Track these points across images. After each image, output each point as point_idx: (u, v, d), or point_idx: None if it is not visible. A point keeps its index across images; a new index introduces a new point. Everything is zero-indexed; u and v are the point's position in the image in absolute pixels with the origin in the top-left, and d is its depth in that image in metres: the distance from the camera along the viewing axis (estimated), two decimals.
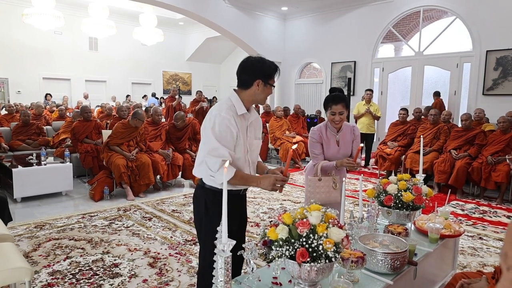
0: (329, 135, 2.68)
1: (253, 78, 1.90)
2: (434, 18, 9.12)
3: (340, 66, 10.00)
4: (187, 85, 16.10)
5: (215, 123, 1.81)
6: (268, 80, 1.92)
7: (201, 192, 1.94)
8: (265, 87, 1.92)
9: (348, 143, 2.71)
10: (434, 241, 2.20)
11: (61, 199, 4.99)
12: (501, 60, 7.27)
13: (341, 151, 2.69)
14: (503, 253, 0.43)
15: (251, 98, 1.94)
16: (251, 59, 1.96)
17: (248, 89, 1.93)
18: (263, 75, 1.90)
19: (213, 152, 1.80)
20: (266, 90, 1.93)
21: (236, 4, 9.82)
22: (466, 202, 5.12)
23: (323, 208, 1.54)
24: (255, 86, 1.90)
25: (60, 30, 11.95)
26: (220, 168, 1.79)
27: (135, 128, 5.14)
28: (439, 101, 7.78)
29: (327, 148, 2.68)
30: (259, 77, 1.90)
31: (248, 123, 1.94)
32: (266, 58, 1.98)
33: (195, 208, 2.03)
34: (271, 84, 1.94)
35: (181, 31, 15.15)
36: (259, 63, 1.93)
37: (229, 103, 1.90)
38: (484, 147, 5.38)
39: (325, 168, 2.63)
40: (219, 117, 1.81)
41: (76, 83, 12.97)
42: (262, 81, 1.90)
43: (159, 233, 3.75)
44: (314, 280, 1.45)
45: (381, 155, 6.32)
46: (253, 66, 1.93)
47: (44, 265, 3.00)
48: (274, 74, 1.94)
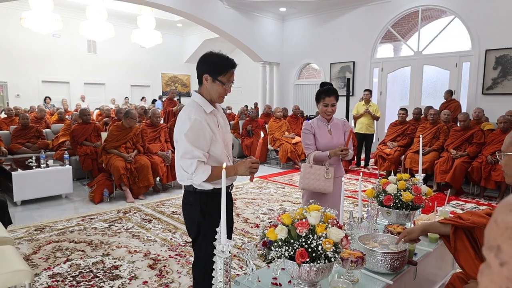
0: (320, 125, 2.80)
1: (201, 73, 1.85)
2: (433, 17, 9.13)
3: (339, 67, 10.00)
4: (186, 87, 16.11)
5: (186, 127, 1.77)
6: (216, 76, 1.81)
7: (195, 198, 1.89)
8: (213, 83, 1.83)
9: (340, 133, 2.81)
10: (434, 241, 2.20)
11: (61, 201, 4.98)
12: (500, 59, 7.28)
13: (334, 140, 2.78)
14: (494, 246, 0.40)
15: (206, 95, 1.87)
16: (204, 54, 1.88)
17: (201, 86, 1.89)
18: (210, 70, 1.82)
19: (187, 155, 1.77)
20: (215, 87, 1.84)
21: (234, 6, 9.84)
22: (466, 201, 5.12)
23: (322, 208, 1.54)
24: (204, 81, 1.85)
25: (58, 33, 11.95)
26: (196, 168, 1.76)
27: (129, 129, 5.14)
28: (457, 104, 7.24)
29: (321, 138, 2.77)
30: (206, 72, 1.83)
31: (217, 119, 1.92)
32: (224, 54, 1.86)
33: (189, 215, 1.96)
34: (220, 81, 1.82)
35: (179, 33, 15.16)
36: (209, 58, 1.84)
37: (194, 105, 1.85)
38: (483, 146, 5.39)
39: (318, 158, 2.71)
40: (188, 120, 1.77)
41: (75, 86, 12.97)
42: (210, 76, 1.82)
43: (159, 235, 3.75)
44: (314, 280, 1.45)
45: (381, 155, 6.32)
46: (202, 62, 1.86)
47: (45, 268, 2.99)
48: (224, 71, 1.82)
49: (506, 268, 0.39)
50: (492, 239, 0.42)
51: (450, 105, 7.13)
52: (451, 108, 6.96)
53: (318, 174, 2.64)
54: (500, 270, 0.39)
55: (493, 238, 0.41)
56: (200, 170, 1.78)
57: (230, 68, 1.83)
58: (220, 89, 1.84)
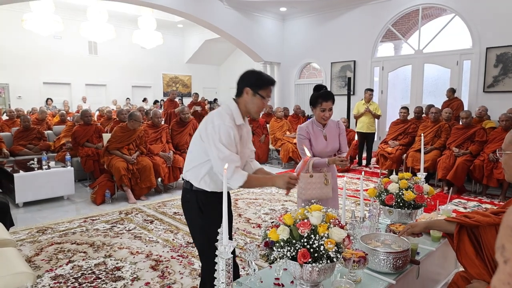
0: (316, 131, 2.75)
1: (243, 86, 1.93)
2: (433, 16, 9.11)
3: (340, 66, 9.99)
4: (187, 87, 16.12)
5: (221, 132, 1.82)
6: (257, 90, 1.91)
7: (191, 195, 1.96)
8: (254, 97, 1.92)
9: (334, 137, 2.79)
10: (436, 240, 2.19)
11: (62, 203, 4.99)
12: (501, 57, 7.25)
13: (329, 145, 2.76)
14: (499, 246, 0.43)
15: (244, 108, 1.96)
16: (248, 70, 2.00)
17: (240, 98, 1.95)
18: (252, 83, 1.91)
19: (226, 160, 1.80)
20: (255, 101, 1.93)
21: (234, 6, 9.83)
22: (468, 200, 5.11)
23: (324, 208, 1.53)
24: (244, 94, 1.92)
25: (59, 35, 11.98)
26: (234, 173, 1.80)
27: (133, 131, 5.14)
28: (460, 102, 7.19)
29: (316, 144, 2.74)
30: (247, 85, 1.92)
31: (242, 132, 1.97)
32: (265, 73, 1.99)
33: (188, 212, 2.03)
34: (260, 95, 1.92)
35: (180, 33, 15.17)
36: (252, 72, 1.96)
37: (229, 112, 1.91)
38: (485, 144, 5.37)
39: (316, 165, 2.69)
40: (223, 126, 1.83)
41: (76, 87, 13.00)
42: (251, 89, 1.91)
43: (161, 236, 3.75)
44: (316, 280, 1.45)
45: (382, 154, 6.31)
46: (245, 76, 1.96)
47: (47, 270, 3.00)
48: (264, 85, 1.92)
49: (509, 265, 0.40)
50: (499, 239, 0.43)
51: (452, 103, 7.11)
52: (454, 106, 6.93)
53: (318, 183, 2.59)
54: (504, 267, 0.41)
55: (499, 238, 0.43)
56: (237, 175, 1.82)
57: (269, 84, 1.95)
58: (259, 102, 1.94)
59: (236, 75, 1.99)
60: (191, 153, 2.00)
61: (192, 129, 5.97)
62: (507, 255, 0.41)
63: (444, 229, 1.79)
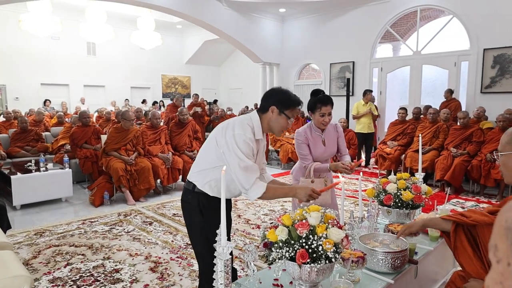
0: (314, 136, 2.71)
1: (269, 103, 1.91)
2: (431, 17, 9.13)
3: (339, 67, 10.00)
4: (186, 88, 16.11)
5: (240, 142, 1.80)
6: (283, 109, 1.90)
7: (193, 197, 1.94)
8: (279, 116, 1.91)
9: (333, 141, 2.76)
10: (434, 239, 2.20)
11: (60, 205, 4.97)
12: (498, 58, 7.28)
13: (328, 150, 2.73)
14: (492, 245, 0.43)
15: (266, 125, 1.94)
16: (276, 88, 1.99)
17: (264, 114, 1.94)
18: (279, 102, 1.90)
19: (247, 169, 1.79)
20: (280, 120, 1.92)
21: (233, 7, 9.84)
22: (466, 199, 5.12)
23: (322, 209, 1.54)
24: (270, 111, 1.91)
25: (57, 36, 11.94)
26: (253, 183, 1.79)
27: (127, 131, 5.13)
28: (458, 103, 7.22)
29: (314, 149, 2.70)
30: (274, 103, 1.90)
31: (258, 147, 1.96)
32: (292, 93, 1.98)
33: (188, 213, 2.02)
34: (286, 115, 1.91)
35: (179, 34, 15.16)
36: (280, 92, 1.95)
37: (251, 125, 1.89)
38: (483, 144, 5.39)
39: (317, 170, 2.64)
40: (244, 137, 1.81)
41: (74, 88, 12.96)
42: (277, 108, 1.90)
43: (160, 238, 3.74)
44: (315, 281, 1.45)
45: (381, 154, 6.32)
46: (272, 93, 1.96)
47: (45, 273, 2.99)
48: (292, 106, 1.92)
49: (501, 264, 0.41)
50: (492, 239, 0.44)
51: (450, 104, 7.13)
52: (452, 107, 6.95)
53: (318, 188, 2.56)
54: (497, 267, 0.42)
55: (492, 238, 0.44)
56: (256, 185, 1.81)
57: (296, 105, 1.95)
58: (284, 122, 1.94)
59: (236, 76, 1.99)
60: (202, 155, 1.98)
61: (191, 130, 5.97)
62: (499, 254, 0.42)
63: (440, 227, 1.80)
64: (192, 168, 2.02)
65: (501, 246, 0.42)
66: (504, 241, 0.41)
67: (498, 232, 0.42)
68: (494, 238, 0.43)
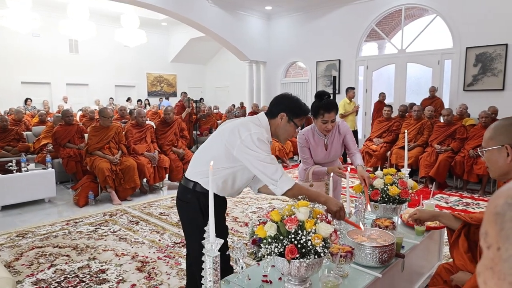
0: (317, 140, 2.61)
1: (279, 109, 1.89)
2: (415, 16, 9.27)
3: (325, 65, 10.06)
4: (172, 86, 15.96)
5: (259, 140, 1.75)
6: (292, 117, 1.89)
7: (193, 196, 1.88)
8: (288, 123, 1.89)
9: (337, 144, 2.64)
10: (420, 233, 2.23)
11: (44, 206, 4.86)
12: (480, 56, 7.44)
13: (331, 154, 2.63)
14: (483, 232, 0.44)
15: (273, 130, 1.92)
16: (286, 94, 1.97)
17: (272, 120, 1.91)
18: (289, 110, 1.88)
19: (273, 162, 1.77)
20: (288, 128, 1.91)
21: (219, 4, 9.78)
22: (450, 195, 5.22)
23: (310, 204, 1.54)
24: (278, 117, 1.89)
25: (38, 33, 11.65)
26: (282, 175, 1.76)
27: (107, 128, 5.05)
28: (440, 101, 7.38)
29: (315, 154, 2.62)
30: (284, 110, 1.88)
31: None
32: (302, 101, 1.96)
33: (186, 212, 1.96)
34: (295, 123, 1.90)
35: (164, 32, 14.99)
36: (291, 99, 1.93)
37: (264, 127, 1.86)
38: (466, 141, 5.51)
39: (317, 173, 2.60)
40: (261, 136, 1.77)
41: (56, 87, 12.67)
42: (286, 115, 1.88)
43: (147, 237, 3.70)
44: (304, 276, 1.45)
45: (367, 151, 6.39)
46: (283, 99, 1.93)
47: (27, 274, 2.91)
48: (302, 115, 1.91)
49: (491, 250, 0.41)
50: (483, 226, 0.44)
51: (433, 102, 7.25)
52: (435, 105, 7.07)
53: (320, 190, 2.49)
54: (487, 253, 0.42)
55: (483, 225, 0.44)
56: (285, 178, 1.77)
57: (305, 114, 1.93)
58: (292, 130, 1.93)
59: (222, 74, 1.97)
60: (206, 154, 1.91)
61: (177, 129, 5.91)
62: (489, 240, 0.42)
63: (449, 224, 1.81)
64: (193, 167, 1.94)
65: (491, 232, 0.42)
66: (494, 226, 0.41)
67: (488, 219, 0.43)
68: (485, 225, 0.44)
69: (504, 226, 0.40)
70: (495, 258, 0.41)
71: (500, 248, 0.40)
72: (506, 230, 0.40)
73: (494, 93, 7.28)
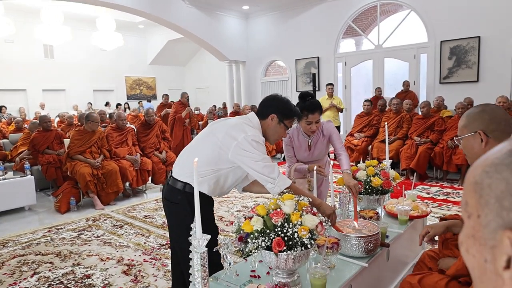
0: (301, 140, 2.61)
1: (269, 111, 1.89)
2: (390, 12, 9.46)
3: (304, 63, 10.15)
4: (152, 89, 15.76)
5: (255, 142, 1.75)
6: (283, 119, 1.89)
7: (182, 197, 1.85)
8: (278, 125, 1.90)
9: (321, 144, 2.64)
10: (404, 223, 2.28)
11: (24, 214, 4.72)
12: (454, 49, 7.66)
13: (314, 154, 2.64)
14: (463, 203, 0.45)
15: (263, 131, 1.92)
16: (276, 95, 1.96)
17: (262, 120, 1.91)
18: (280, 112, 1.89)
19: (270, 162, 1.78)
20: (278, 129, 1.91)
21: (196, 5, 9.72)
22: (430, 186, 5.36)
23: (295, 197, 1.55)
24: (269, 119, 1.89)
25: (11, 38, 11.31)
26: (279, 174, 1.77)
27: (92, 133, 4.96)
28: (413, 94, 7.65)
29: (298, 153, 2.63)
30: (274, 112, 1.88)
31: None
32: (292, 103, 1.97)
33: (175, 213, 1.92)
34: (285, 125, 1.91)
35: (141, 34, 14.79)
36: (281, 101, 1.92)
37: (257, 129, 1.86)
38: (444, 132, 5.66)
39: (299, 171, 2.63)
40: (257, 138, 1.77)
41: (32, 93, 12.33)
42: (277, 117, 1.88)
43: (132, 240, 3.64)
44: (292, 268, 1.46)
45: (349, 146, 6.48)
46: (273, 101, 1.92)
47: (10, 283, 2.83)
48: (291, 116, 1.92)
49: (472, 219, 0.43)
50: (463, 197, 0.46)
51: (407, 95, 7.42)
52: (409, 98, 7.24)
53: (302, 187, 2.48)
54: (468, 222, 0.44)
55: (463, 196, 0.46)
56: (283, 177, 1.79)
57: (295, 116, 1.94)
58: (282, 131, 1.93)
59: (202, 75, 1.96)
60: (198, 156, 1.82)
61: (159, 130, 5.85)
62: (469, 210, 0.43)
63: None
64: (182, 167, 1.89)
65: (470, 201, 0.43)
66: (473, 195, 0.43)
67: (467, 189, 0.44)
68: (464, 195, 0.45)
69: (482, 193, 0.41)
70: (475, 226, 0.42)
71: (480, 216, 0.41)
72: (484, 196, 0.41)
73: (469, 85, 7.51)
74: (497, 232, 0.39)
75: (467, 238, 0.44)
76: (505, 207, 0.39)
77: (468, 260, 0.44)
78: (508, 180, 0.39)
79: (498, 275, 0.39)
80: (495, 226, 0.39)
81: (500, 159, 0.41)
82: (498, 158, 0.42)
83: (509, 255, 0.38)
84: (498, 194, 0.40)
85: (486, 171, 0.42)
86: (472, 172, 0.44)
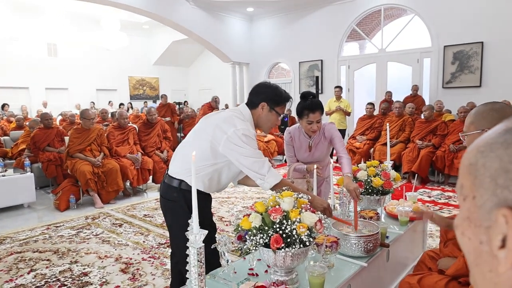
0: (302, 140, 2.58)
1: (259, 99, 1.87)
2: (394, 16, 9.45)
3: (308, 65, 10.14)
4: (155, 90, 15.79)
5: (246, 136, 1.73)
6: (274, 106, 1.86)
7: (179, 195, 1.83)
8: (269, 113, 1.87)
9: (322, 145, 2.60)
10: (404, 224, 2.26)
11: (23, 211, 4.71)
12: (458, 54, 7.63)
13: (314, 155, 2.61)
14: (458, 186, 0.44)
15: (255, 120, 1.89)
16: (265, 83, 1.94)
17: (253, 110, 1.88)
18: (269, 99, 1.86)
19: (260, 158, 1.76)
20: (270, 117, 1.88)
21: (201, 6, 9.74)
22: (432, 189, 5.32)
23: (295, 194, 1.53)
24: (259, 108, 1.87)
25: (16, 36, 11.35)
26: (269, 170, 1.75)
27: (89, 130, 4.95)
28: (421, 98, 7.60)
29: (298, 153, 2.61)
30: (265, 100, 1.86)
31: None
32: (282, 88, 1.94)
33: (173, 211, 1.90)
34: (276, 112, 1.88)
35: (146, 34, 14.82)
36: (269, 87, 1.90)
37: (249, 121, 1.84)
38: (446, 136, 5.63)
39: (298, 171, 2.61)
40: (247, 131, 1.74)
41: (35, 91, 12.35)
42: (268, 105, 1.85)
43: (131, 239, 3.62)
44: (290, 266, 1.44)
45: (351, 149, 6.46)
46: (262, 89, 1.90)
47: (6, 280, 2.81)
48: (282, 102, 1.89)
49: (467, 201, 0.42)
50: (459, 180, 0.45)
51: (415, 99, 7.39)
52: (416, 102, 7.21)
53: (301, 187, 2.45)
54: (463, 204, 0.43)
55: (459, 179, 0.45)
56: (273, 172, 1.76)
57: (286, 102, 1.91)
58: (274, 119, 1.90)
59: (205, 76, 1.94)
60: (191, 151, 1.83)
61: (161, 130, 5.84)
62: (465, 192, 0.43)
63: None
64: (177, 164, 1.88)
65: (466, 183, 0.42)
66: (468, 177, 0.42)
67: (462, 172, 0.43)
68: (460, 179, 0.44)
69: (477, 174, 0.41)
70: (471, 207, 0.41)
71: (475, 197, 0.41)
72: (479, 177, 0.40)
73: (472, 89, 7.48)
74: (492, 211, 0.38)
75: (463, 221, 0.43)
76: (500, 185, 0.38)
77: (463, 243, 0.43)
78: (501, 157, 0.38)
79: (494, 256, 0.38)
80: (491, 205, 0.39)
81: (494, 138, 0.41)
82: (492, 138, 0.41)
83: (504, 233, 0.37)
84: (493, 173, 0.39)
85: (480, 151, 0.41)
86: (467, 155, 0.44)
